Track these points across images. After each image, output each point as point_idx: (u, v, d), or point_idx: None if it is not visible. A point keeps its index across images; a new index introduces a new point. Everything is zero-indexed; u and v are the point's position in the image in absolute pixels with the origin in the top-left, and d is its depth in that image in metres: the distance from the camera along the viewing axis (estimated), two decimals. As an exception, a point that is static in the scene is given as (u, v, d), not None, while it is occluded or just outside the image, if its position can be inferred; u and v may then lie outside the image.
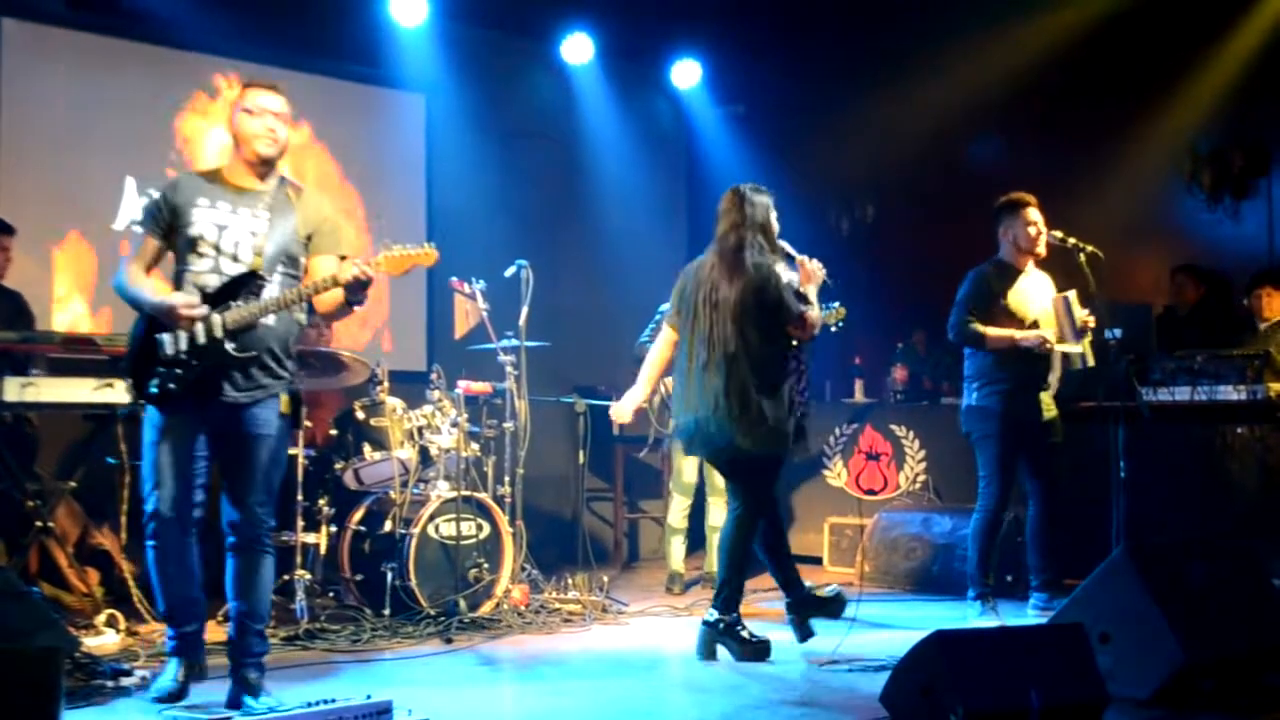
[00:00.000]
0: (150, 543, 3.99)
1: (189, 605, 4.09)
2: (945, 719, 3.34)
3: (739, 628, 4.88)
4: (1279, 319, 6.72)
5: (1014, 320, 5.64)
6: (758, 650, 4.83)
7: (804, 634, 5.08)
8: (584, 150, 8.89)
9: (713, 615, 4.90)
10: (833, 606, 5.16)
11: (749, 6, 8.34)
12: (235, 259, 3.96)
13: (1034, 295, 5.72)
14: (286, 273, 4.02)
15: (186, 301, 3.87)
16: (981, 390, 5.69)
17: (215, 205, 4.00)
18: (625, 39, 8.74)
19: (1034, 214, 5.68)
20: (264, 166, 4.07)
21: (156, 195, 4.08)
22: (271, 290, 3.95)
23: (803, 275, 4.99)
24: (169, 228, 4.00)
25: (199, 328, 3.87)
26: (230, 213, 4.00)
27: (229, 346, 3.87)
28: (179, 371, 3.87)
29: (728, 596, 4.89)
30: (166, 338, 3.89)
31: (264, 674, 4.01)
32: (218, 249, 3.96)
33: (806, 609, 5.11)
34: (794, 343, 4.94)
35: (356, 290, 3.92)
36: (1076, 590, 4.28)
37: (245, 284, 3.93)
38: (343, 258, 4.08)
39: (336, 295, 4.00)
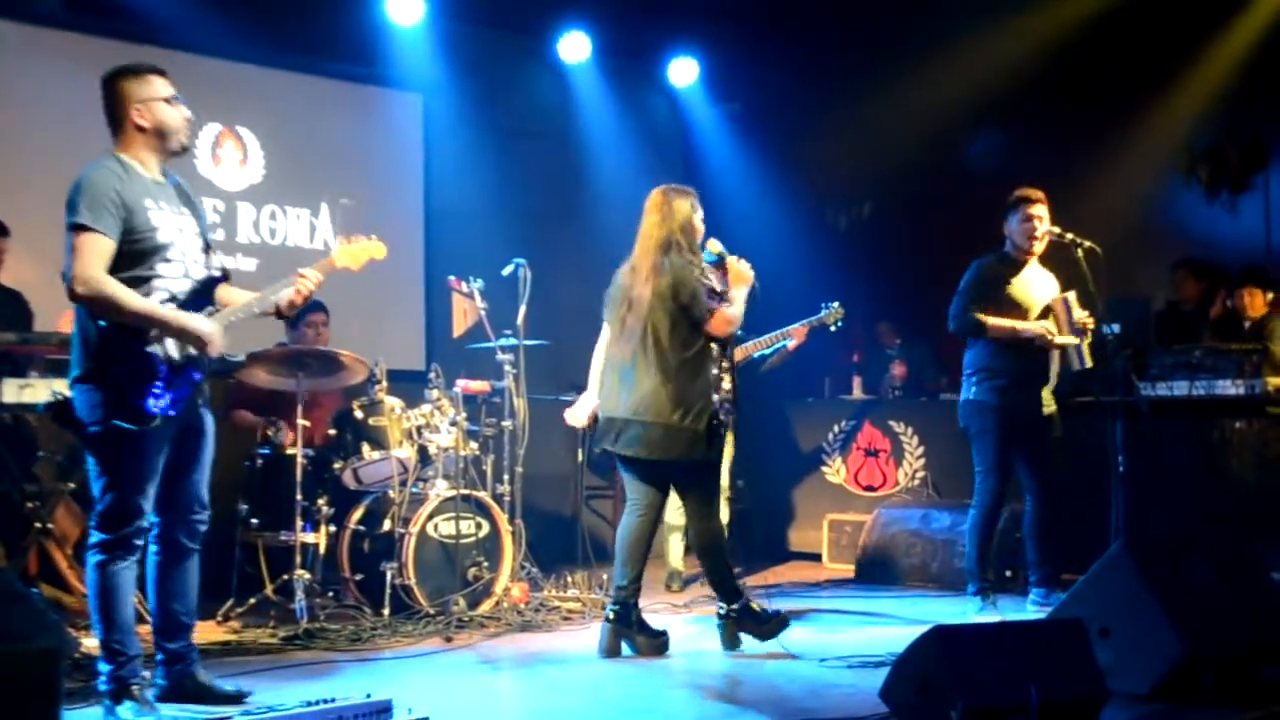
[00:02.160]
0: (131, 558, 3.77)
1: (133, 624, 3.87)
2: (944, 714, 3.34)
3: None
4: (1262, 316, 6.73)
5: (1018, 309, 5.62)
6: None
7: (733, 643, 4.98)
8: (581, 148, 8.89)
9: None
10: (770, 626, 4.95)
11: (746, 4, 8.34)
12: (196, 261, 3.85)
13: (1037, 287, 5.71)
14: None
15: (219, 333, 3.76)
16: (980, 384, 5.65)
17: (160, 205, 3.77)
18: (622, 37, 8.74)
19: (1036, 211, 5.63)
20: (174, 158, 3.88)
21: (106, 190, 3.65)
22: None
23: (731, 276, 4.99)
24: (123, 229, 3.67)
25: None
26: (173, 213, 3.82)
27: (226, 354, 3.82)
28: (178, 386, 3.71)
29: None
30: (158, 350, 3.68)
31: None
32: (184, 254, 3.81)
33: (743, 621, 4.99)
34: (714, 344, 4.88)
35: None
36: (1075, 585, 4.29)
37: (214, 285, 3.87)
38: None
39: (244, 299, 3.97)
